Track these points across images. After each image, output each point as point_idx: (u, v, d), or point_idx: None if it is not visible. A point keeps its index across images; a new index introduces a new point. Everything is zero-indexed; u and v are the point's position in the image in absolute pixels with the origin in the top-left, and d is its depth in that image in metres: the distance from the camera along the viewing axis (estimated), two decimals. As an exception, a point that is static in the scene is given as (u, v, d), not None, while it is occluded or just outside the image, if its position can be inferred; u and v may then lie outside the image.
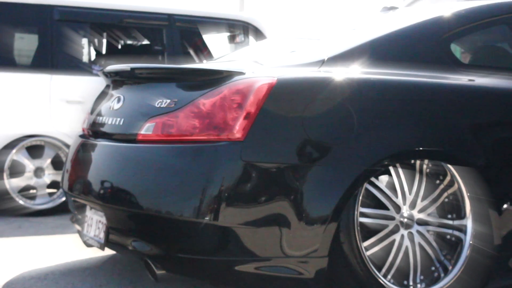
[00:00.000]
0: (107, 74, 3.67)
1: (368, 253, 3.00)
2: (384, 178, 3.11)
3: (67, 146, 5.62)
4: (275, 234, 2.82)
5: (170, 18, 6.04)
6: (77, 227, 3.67)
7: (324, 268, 2.87)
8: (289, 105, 2.89)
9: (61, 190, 5.67)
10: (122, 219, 3.15)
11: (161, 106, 3.07)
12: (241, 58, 4.02)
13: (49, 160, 5.64)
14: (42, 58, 5.69)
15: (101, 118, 3.50)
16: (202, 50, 6.60)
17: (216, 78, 2.99)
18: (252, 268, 2.85)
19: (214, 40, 7.33)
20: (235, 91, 2.89)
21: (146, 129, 3.07)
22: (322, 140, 2.89)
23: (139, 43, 6.54)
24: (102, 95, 3.79)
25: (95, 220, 3.37)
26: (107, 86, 3.77)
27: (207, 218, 2.78)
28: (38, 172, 5.60)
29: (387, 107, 3.03)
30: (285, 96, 2.89)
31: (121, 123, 3.27)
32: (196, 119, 2.92)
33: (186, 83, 3.11)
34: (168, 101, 3.05)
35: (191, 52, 6.48)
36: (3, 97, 5.48)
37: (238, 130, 2.82)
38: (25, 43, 6.30)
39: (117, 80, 3.60)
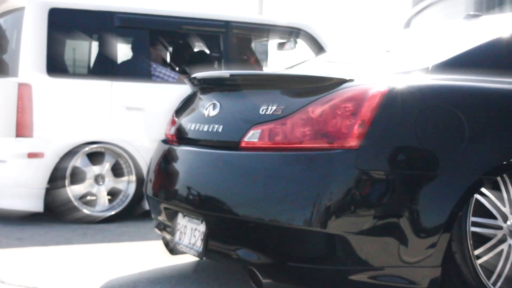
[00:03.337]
0: (194, 81, 3.65)
1: (478, 262, 2.97)
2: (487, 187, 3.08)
3: (127, 152, 5.60)
4: (389, 243, 2.80)
5: (227, 25, 6.03)
6: (166, 235, 3.64)
7: (437, 278, 2.85)
8: (401, 113, 2.87)
9: (120, 197, 5.65)
10: (225, 227, 3.12)
11: (266, 113, 3.04)
12: (325, 65, 4.01)
13: (109, 167, 5.62)
14: (103, 64, 5.69)
15: (194, 125, 3.47)
16: (258, 57, 6.59)
17: (324, 85, 2.97)
18: (365, 277, 2.82)
19: (267, 46, 7.33)
20: (347, 99, 2.86)
21: (251, 136, 3.05)
22: (435, 148, 2.87)
23: (197, 50, 6.52)
24: (188, 102, 3.77)
25: (189, 228, 3.34)
26: (194, 93, 3.75)
27: (322, 226, 2.75)
28: (98, 179, 5.58)
29: (494, 115, 3.01)
30: (396, 104, 2.87)
31: (219, 130, 3.24)
32: (306, 127, 2.90)
33: (292, 90, 3.08)
34: (274, 108, 3.02)
35: (248, 58, 6.47)
36: (64, 104, 5.46)
37: (352, 138, 2.79)
38: (85, 50, 6.30)
39: (207, 87, 3.58)
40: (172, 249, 3.58)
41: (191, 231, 3.32)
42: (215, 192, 3.13)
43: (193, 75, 3.63)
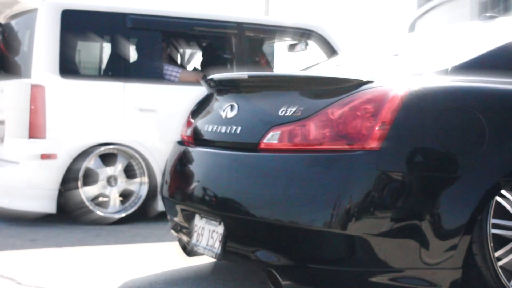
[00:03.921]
0: (210, 83, 3.65)
1: (499, 264, 2.96)
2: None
3: (140, 154, 5.60)
4: (410, 245, 2.79)
5: (239, 26, 6.02)
6: (183, 236, 3.64)
7: (458, 280, 2.84)
8: (421, 115, 2.87)
9: (132, 198, 5.64)
10: (243, 229, 3.12)
11: (286, 114, 3.03)
12: (340, 67, 4.01)
13: (121, 168, 5.61)
14: (115, 66, 5.69)
15: (211, 126, 3.47)
16: (269, 58, 6.59)
17: (344, 86, 2.96)
18: (386, 279, 2.81)
19: (274, 48, 7.33)
20: (367, 100, 2.86)
21: (270, 137, 3.04)
22: (455, 150, 2.87)
23: (209, 51, 6.52)
24: (205, 103, 3.77)
25: (207, 230, 3.33)
26: (210, 95, 3.75)
27: (342, 228, 2.74)
28: (111, 180, 5.58)
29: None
30: (417, 106, 2.87)
31: (237, 131, 3.24)
32: (326, 128, 2.89)
33: (311, 91, 3.08)
34: (293, 109, 3.02)
35: (259, 60, 6.47)
36: (77, 105, 5.47)
37: (373, 139, 2.78)
38: (98, 51, 6.30)
39: (224, 88, 3.58)
40: (189, 251, 3.57)
41: (208, 233, 3.31)
42: (234, 193, 3.12)
43: (210, 77, 3.63)
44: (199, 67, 6.57)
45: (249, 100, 3.32)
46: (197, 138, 3.62)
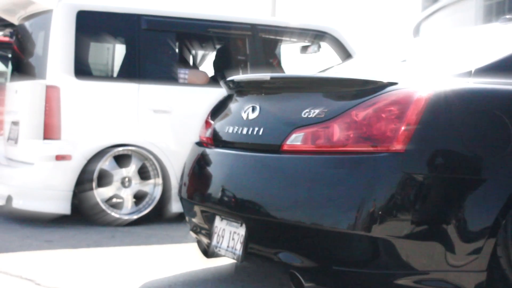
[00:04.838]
0: (230, 84, 3.65)
1: (523, 267, 2.95)
2: None
3: (154, 155, 5.59)
4: (434, 247, 2.78)
5: (253, 28, 6.02)
6: (202, 238, 3.63)
7: (483, 282, 2.83)
8: (446, 117, 2.86)
9: (146, 200, 5.63)
10: (266, 231, 3.11)
11: (309, 116, 3.03)
12: (359, 70, 4.00)
13: (135, 170, 5.61)
14: (130, 67, 5.68)
15: (231, 127, 3.46)
16: (281, 59, 6.58)
17: (368, 88, 2.96)
18: (410, 282, 2.80)
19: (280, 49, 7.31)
20: (392, 102, 2.85)
21: (293, 139, 3.04)
22: (480, 152, 2.87)
23: (223, 53, 6.52)
24: (224, 105, 3.76)
25: (228, 231, 3.32)
26: (229, 96, 3.74)
27: (368, 230, 2.74)
28: (125, 181, 5.57)
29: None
30: (442, 108, 2.86)
31: (259, 133, 3.23)
32: (350, 130, 2.89)
33: (334, 93, 3.07)
34: (317, 111, 3.01)
35: (272, 61, 6.46)
36: (92, 106, 5.47)
37: (398, 141, 2.78)
38: (112, 52, 6.29)
39: (244, 89, 3.58)
40: (209, 252, 3.56)
41: (229, 234, 3.30)
42: (256, 195, 3.12)
43: (230, 78, 3.63)
44: (211, 69, 6.56)
45: (271, 101, 3.31)
46: (216, 139, 3.61)
